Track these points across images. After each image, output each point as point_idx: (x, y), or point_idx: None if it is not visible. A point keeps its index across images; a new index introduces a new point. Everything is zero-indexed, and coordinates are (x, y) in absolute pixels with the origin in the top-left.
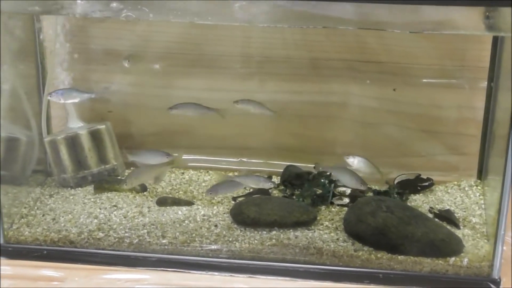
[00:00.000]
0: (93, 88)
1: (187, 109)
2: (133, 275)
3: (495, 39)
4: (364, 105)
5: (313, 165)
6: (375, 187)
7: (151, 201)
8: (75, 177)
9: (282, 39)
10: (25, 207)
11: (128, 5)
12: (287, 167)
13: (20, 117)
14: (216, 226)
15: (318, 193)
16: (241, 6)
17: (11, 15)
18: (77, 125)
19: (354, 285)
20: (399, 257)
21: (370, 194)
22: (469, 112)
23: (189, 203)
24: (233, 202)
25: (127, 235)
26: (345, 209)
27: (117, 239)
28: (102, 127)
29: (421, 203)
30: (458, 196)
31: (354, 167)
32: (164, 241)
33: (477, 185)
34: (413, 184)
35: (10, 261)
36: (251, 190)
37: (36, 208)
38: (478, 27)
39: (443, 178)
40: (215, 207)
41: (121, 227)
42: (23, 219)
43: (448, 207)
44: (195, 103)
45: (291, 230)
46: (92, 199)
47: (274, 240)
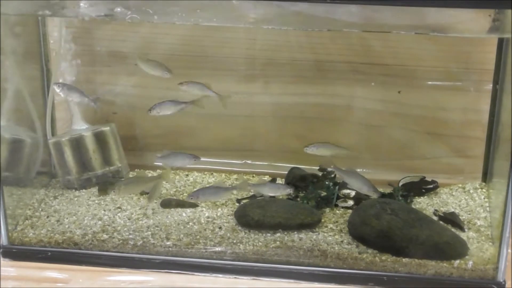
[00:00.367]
0: (98, 89)
1: (165, 108)
2: (137, 277)
3: (501, 41)
4: (368, 108)
5: (318, 167)
6: (380, 189)
7: (156, 203)
8: (79, 178)
9: (286, 41)
10: (30, 209)
11: (132, 7)
12: (292, 169)
13: (24, 119)
14: (220, 228)
15: (322, 195)
16: (246, 8)
17: (16, 17)
18: (81, 127)
19: None
20: (404, 259)
21: (374, 196)
22: (474, 114)
23: (194, 205)
24: (238, 204)
25: (131, 237)
26: (350, 211)
27: (121, 241)
28: (106, 129)
29: (426, 205)
30: (463, 198)
31: (317, 154)
32: (168, 243)
33: (482, 188)
34: (418, 186)
35: (14, 263)
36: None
37: (40, 209)
38: (483, 29)
39: (448, 180)
40: (220, 209)
41: (125, 229)
42: (27, 221)
43: (452, 210)
44: (171, 100)
45: (296, 232)
46: (96, 201)
47: (278, 242)
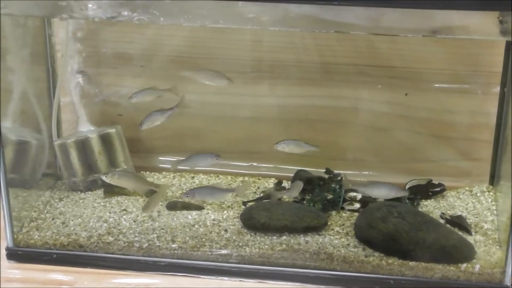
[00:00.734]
0: (103, 91)
1: (153, 120)
2: (142, 280)
3: (508, 44)
4: (375, 110)
5: (324, 170)
6: None
7: (161, 205)
8: (85, 180)
9: (292, 43)
10: (35, 211)
11: (139, 8)
12: (298, 172)
13: (30, 121)
14: (226, 230)
15: (328, 198)
16: (252, 9)
17: (22, 18)
18: (87, 129)
19: None
20: (410, 263)
21: (380, 199)
22: (481, 117)
23: (199, 208)
24: (244, 206)
25: (136, 239)
26: (356, 214)
27: (126, 243)
28: (112, 130)
29: (433, 208)
30: (470, 201)
31: (287, 151)
32: (174, 246)
33: (489, 191)
34: (425, 189)
35: (19, 265)
36: (261, 195)
37: (46, 211)
38: (491, 32)
39: (454, 183)
40: (225, 212)
41: (131, 231)
42: (32, 223)
43: (459, 213)
44: (157, 110)
45: (302, 235)
46: (102, 203)
47: (284, 245)
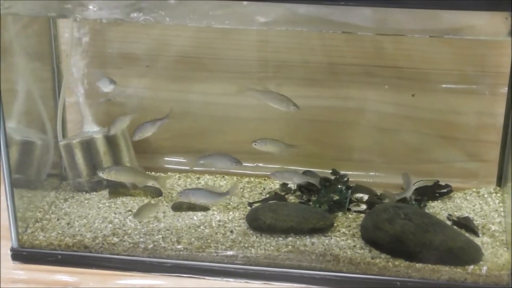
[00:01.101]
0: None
1: (145, 131)
2: (147, 281)
3: None
4: (381, 111)
5: (330, 171)
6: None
7: (166, 206)
8: (90, 181)
9: (299, 44)
10: (40, 211)
11: (145, 8)
12: (304, 173)
13: (35, 121)
14: (231, 232)
15: (335, 199)
16: (258, 9)
17: (28, 19)
18: (92, 129)
19: None
20: (417, 265)
21: (387, 200)
22: (489, 118)
23: (205, 209)
24: (249, 207)
25: (142, 240)
26: (362, 215)
27: (132, 244)
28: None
29: (440, 210)
30: (477, 203)
31: (264, 150)
32: (179, 247)
33: (496, 192)
34: (431, 191)
35: (24, 266)
36: (267, 195)
37: (50, 212)
38: (499, 32)
39: (462, 185)
40: (231, 213)
41: (136, 232)
42: (37, 223)
43: (467, 214)
44: (148, 121)
45: (308, 236)
46: (107, 204)
47: (290, 246)
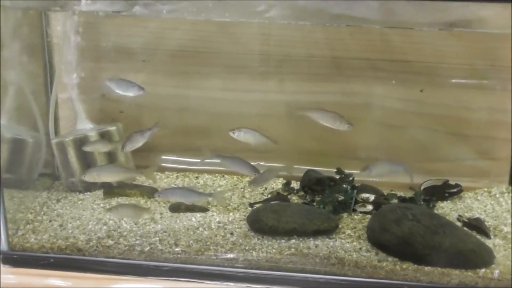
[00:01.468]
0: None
1: (135, 141)
2: (144, 285)
3: None
4: (388, 107)
5: (335, 170)
6: (400, 193)
7: (164, 207)
8: (83, 181)
9: (302, 37)
10: (31, 213)
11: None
12: (307, 172)
13: (26, 118)
14: (232, 234)
15: (340, 199)
16: (260, 1)
17: (18, 11)
18: (86, 126)
19: None
20: (426, 268)
21: (395, 201)
22: (500, 114)
23: (204, 210)
24: (250, 208)
25: (138, 242)
26: (369, 216)
27: (127, 247)
28: (112, 128)
29: (449, 210)
30: (488, 203)
31: (241, 140)
32: (177, 250)
33: (508, 192)
34: (441, 190)
35: (15, 270)
36: (269, 196)
37: (42, 213)
38: (510, 25)
39: (472, 184)
40: (231, 214)
41: (132, 235)
42: (28, 225)
43: (478, 215)
44: (137, 131)
45: (311, 238)
46: (101, 205)
47: (293, 249)
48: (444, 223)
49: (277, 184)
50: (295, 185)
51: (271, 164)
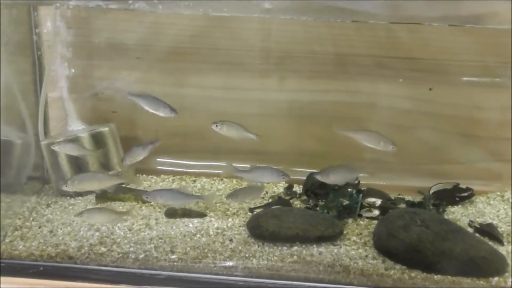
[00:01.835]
0: (96, 85)
1: (136, 155)
2: None
3: None
4: (395, 106)
5: None
6: (409, 198)
7: (159, 212)
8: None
9: (305, 33)
10: (19, 218)
11: None
12: (310, 175)
13: (14, 118)
14: (231, 240)
15: (344, 204)
16: None
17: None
18: (77, 127)
19: None
20: (435, 276)
21: (402, 205)
22: None
23: (201, 215)
24: (250, 213)
25: (132, 250)
26: (375, 222)
27: (121, 255)
28: (105, 129)
29: (460, 216)
30: (501, 208)
31: (224, 133)
32: (173, 257)
33: None
34: (451, 194)
35: (2, 278)
36: (270, 200)
37: (31, 219)
38: None
39: (484, 187)
40: (230, 219)
41: (126, 241)
42: (17, 232)
43: (490, 221)
44: (138, 145)
45: (315, 245)
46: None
47: (295, 256)
48: (454, 229)
49: (279, 187)
50: (298, 188)
51: (272, 166)
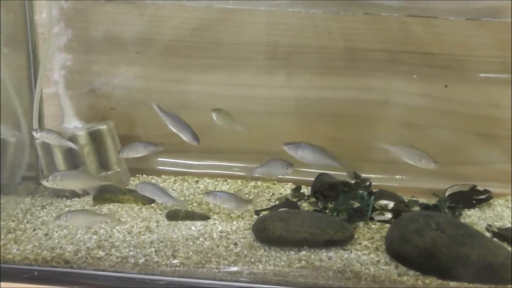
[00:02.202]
0: (93, 81)
1: (134, 150)
2: None
3: None
4: (409, 104)
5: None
6: (423, 200)
7: (160, 214)
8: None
9: (313, 26)
10: (13, 220)
11: None
12: (319, 176)
13: (8, 115)
14: (235, 244)
15: (355, 206)
16: None
17: None
18: (74, 125)
19: None
20: (451, 283)
21: (416, 208)
22: None
23: (205, 217)
24: (256, 216)
25: (131, 254)
26: (387, 226)
27: (120, 259)
28: (103, 127)
29: (477, 219)
30: None
31: (219, 124)
32: (174, 262)
33: None
34: (468, 197)
35: None
36: (276, 202)
37: (25, 221)
38: None
39: (503, 190)
40: (235, 222)
41: (125, 245)
42: (10, 234)
43: (509, 225)
44: (141, 141)
45: (324, 250)
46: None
47: (303, 261)
48: (471, 233)
49: (286, 189)
50: (306, 190)
51: None
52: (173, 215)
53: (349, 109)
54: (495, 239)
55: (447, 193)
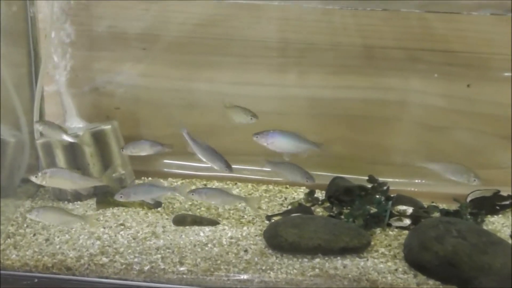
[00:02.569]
0: (97, 79)
1: (138, 148)
2: None
3: None
4: (429, 104)
5: (367, 177)
6: (443, 206)
7: (167, 219)
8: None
9: (329, 22)
10: (12, 225)
11: None
12: (334, 180)
13: (7, 114)
14: (246, 251)
15: (372, 212)
16: None
17: None
18: (76, 125)
19: None
20: None
21: (436, 214)
22: None
23: (213, 223)
24: (267, 222)
25: (136, 260)
26: (406, 232)
27: (124, 266)
28: (107, 127)
29: (501, 226)
30: None
31: (230, 116)
32: (182, 269)
33: None
34: (491, 202)
35: None
36: (289, 207)
37: (25, 225)
38: None
39: None
40: (245, 228)
41: (130, 251)
42: (9, 239)
43: None
44: (147, 140)
45: (339, 257)
46: (94, 216)
47: (317, 269)
48: (494, 240)
49: (299, 193)
50: (320, 195)
51: None
52: (181, 220)
53: (366, 110)
54: None
55: (469, 199)
